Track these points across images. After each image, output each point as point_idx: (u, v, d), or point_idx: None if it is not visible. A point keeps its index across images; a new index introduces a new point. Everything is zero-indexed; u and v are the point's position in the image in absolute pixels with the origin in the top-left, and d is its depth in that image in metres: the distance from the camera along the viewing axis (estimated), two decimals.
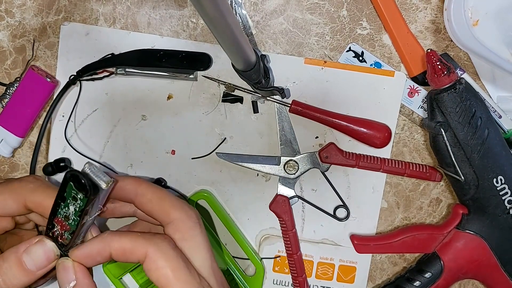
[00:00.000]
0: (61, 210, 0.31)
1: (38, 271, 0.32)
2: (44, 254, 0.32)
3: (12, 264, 0.31)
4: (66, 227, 0.31)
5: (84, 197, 0.30)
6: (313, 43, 0.47)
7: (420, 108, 0.47)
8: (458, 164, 0.43)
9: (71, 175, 0.30)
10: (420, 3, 0.47)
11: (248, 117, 0.47)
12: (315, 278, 0.49)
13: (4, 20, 0.47)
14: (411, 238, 0.46)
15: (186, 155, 0.48)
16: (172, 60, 0.45)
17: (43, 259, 0.32)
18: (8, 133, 0.46)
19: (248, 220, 0.48)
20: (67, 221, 0.31)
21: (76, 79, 0.46)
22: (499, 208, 0.43)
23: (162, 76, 0.46)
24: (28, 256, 0.31)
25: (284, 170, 0.47)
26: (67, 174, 0.30)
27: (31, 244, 0.32)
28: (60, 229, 0.32)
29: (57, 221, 0.32)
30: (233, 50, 0.35)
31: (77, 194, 0.30)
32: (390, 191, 0.48)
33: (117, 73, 0.46)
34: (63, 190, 0.31)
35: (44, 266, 0.32)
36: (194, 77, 0.46)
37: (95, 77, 0.46)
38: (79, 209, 0.30)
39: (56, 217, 0.32)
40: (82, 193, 0.30)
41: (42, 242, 0.32)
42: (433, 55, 0.42)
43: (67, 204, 0.31)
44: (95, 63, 0.46)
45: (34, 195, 0.34)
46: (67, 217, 0.31)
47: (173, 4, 0.47)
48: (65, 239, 0.32)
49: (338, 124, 0.46)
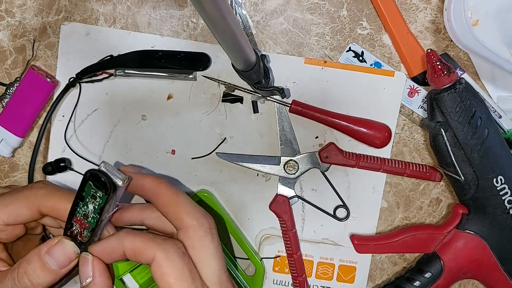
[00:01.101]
0: (80, 210, 0.33)
1: (61, 270, 0.33)
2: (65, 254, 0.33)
3: (36, 266, 0.32)
4: (85, 225, 0.33)
5: (104, 194, 0.31)
6: (313, 43, 0.47)
7: (420, 108, 0.47)
8: (458, 164, 0.43)
9: (90, 174, 0.31)
10: (420, 3, 0.47)
11: (248, 117, 0.47)
12: (315, 278, 0.49)
13: (4, 20, 0.47)
14: (411, 238, 0.46)
15: (186, 155, 0.48)
16: (171, 60, 0.45)
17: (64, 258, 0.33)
18: (8, 133, 0.46)
19: (248, 220, 0.48)
20: (86, 219, 0.33)
21: (75, 81, 0.46)
22: (499, 208, 0.43)
23: (162, 76, 0.46)
24: (50, 257, 0.33)
25: (284, 170, 0.47)
26: (87, 174, 0.31)
27: (52, 245, 0.33)
28: (80, 227, 0.33)
29: (76, 220, 0.33)
30: (233, 50, 0.36)
31: (96, 193, 0.32)
32: (390, 191, 0.48)
33: (117, 74, 0.46)
34: (82, 189, 0.32)
35: (66, 264, 0.33)
36: (194, 77, 0.47)
37: (94, 79, 0.46)
38: (99, 207, 0.32)
39: (75, 216, 0.33)
40: (102, 191, 0.31)
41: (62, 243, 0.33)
42: (433, 55, 0.42)
43: (86, 203, 0.32)
44: (94, 65, 0.46)
45: (47, 200, 0.35)
46: (86, 215, 0.32)
47: (173, 4, 0.47)
48: (85, 236, 0.33)
49: (338, 124, 0.46)
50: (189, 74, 0.46)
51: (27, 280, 0.32)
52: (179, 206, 0.34)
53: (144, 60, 0.45)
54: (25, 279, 0.32)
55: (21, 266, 0.33)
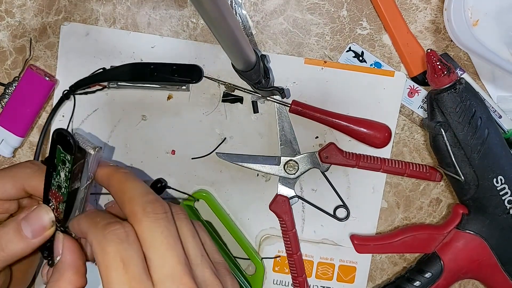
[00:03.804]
0: (54, 180, 0.32)
1: (33, 239, 0.32)
2: (39, 220, 0.32)
3: (10, 230, 0.32)
4: (60, 198, 0.32)
5: (71, 156, 0.30)
6: (313, 43, 0.47)
7: (420, 108, 0.47)
8: (458, 164, 0.43)
9: (57, 134, 0.30)
10: (420, 3, 0.47)
11: (248, 117, 0.47)
12: (315, 278, 0.49)
13: (4, 20, 0.47)
14: (411, 238, 0.46)
15: (186, 155, 0.48)
16: (164, 73, 0.45)
17: (38, 225, 0.32)
18: (9, 133, 0.46)
19: (248, 220, 0.48)
20: (60, 190, 0.32)
21: (69, 94, 0.46)
22: (499, 208, 0.43)
23: (155, 88, 0.47)
24: (26, 223, 0.32)
25: (284, 170, 0.47)
26: (53, 134, 0.30)
27: (30, 211, 0.32)
28: (55, 201, 0.32)
29: (51, 194, 0.32)
30: (233, 50, 0.36)
31: (65, 156, 0.30)
32: (390, 191, 0.48)
33: (110, 87, 0.46)
34: (53, 155, 0.31)
35: (39, 233, 0.32)
36: (187, 88, 0.47)
37: (88, 91, 0.47)
38: (68, 172, 0.31)
39: (50, 190, 0.32)
40: (68, 153, 0.30)
41: (40, 209, 0.32)
42: (433, 55, 0.42)
43: (58, 172, 0.31)
44: (87, 78, 0.46)
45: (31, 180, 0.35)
46: (59, 186, 0.32)
47: (173, 4, 0.47)
48: (61, 212, 0.32)
49: (338, 124, 0.46)
50: (182, 85, 0.46)
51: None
52: (125, 193, 0.31)
53: (136, 73, 0.45)
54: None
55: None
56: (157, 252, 0.28)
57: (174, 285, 0.27)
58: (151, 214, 0.29)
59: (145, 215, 0.29)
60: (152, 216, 0.29)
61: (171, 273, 0.28)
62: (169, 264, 0.28)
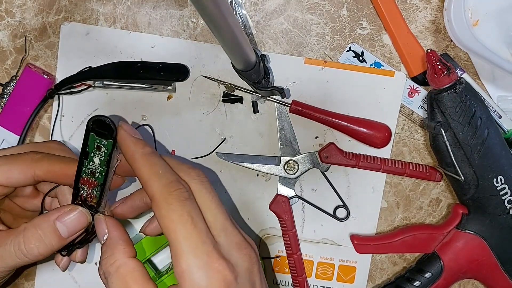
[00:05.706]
0: (86, 168, 0.33)
1: (68, 238, 0.33)
2: (78, 220, 0.33)
3: (47, 231, 0.32)
4: (94, 183, 0.33)
5: (110, 140, 0.32)
6: (313, 43, 0.47)
7: (420, 108, 0.47)
8: (458, 164, 0.43)
9: (93, 122, 0.31)
10: (420, 3, 0.47)
11: (248, 117, 0.47)
12: (315, 278, 0.49)
13: (4, 20, 0.47)
14: (411, 238, 0.46)
15: (186, 155, 0.48)
16: (149, 71, 0.45)
17: (77, 224, 0.33)
18: (9, 133, 0.46)
19: (248, 220, 0.48)
20: (93, 176, 0.33)
21: (54, 93, 0.46)
22: (499, 208, 0.43)
23: (140, 88, 0.46)
24: (61, 224, 0.33)
25: (284, 170, 0.47)
26: (89, 123, 0.31)
27: (64, 211, 0.33)
28: (88, 187, 0.33)
29: (83, 182, 0.33)
30: (233, 50, 0.36)
31: (101, 142, 0.32)
32: (390, 191, 0.48)
33: (95, 86, 0.46)
34: (86, 144, 0.32)
35: (76, 231, 0.34)
36: (173, 89, 0.46)
37: (73, 91, 0.46)
38: (105, 156, 0.32)
39: (81, 178, 0.33)
40: (105, 138, 0.32)
41: (75, 209, 0.33)
42: (433, 55, 0.42)
43: (91, 158, 0.32)
44: (72, 76, 0.46)
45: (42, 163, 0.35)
46: (93, 172, 0.33)
47: (174, 4, 0.47)
48: (94, 197, 0.33)
49: (338, 124, 0.46)
50: (168, 86, 0.46)
51: (34, 246, 0.32)
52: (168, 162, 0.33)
53: (122, 71, 0.45)
54: (32, 244, 0.32)
55: (28, 230, 0.32)
56: (210, 210, 0.31)
57: (228, 238, 0.31)
58: (196, 177, 0.32)
59: (192, 178, 0.32)
60: (198, 179, 0.32)
61: (223, 227, 0.31)
62: (220, 220, 0.31)
